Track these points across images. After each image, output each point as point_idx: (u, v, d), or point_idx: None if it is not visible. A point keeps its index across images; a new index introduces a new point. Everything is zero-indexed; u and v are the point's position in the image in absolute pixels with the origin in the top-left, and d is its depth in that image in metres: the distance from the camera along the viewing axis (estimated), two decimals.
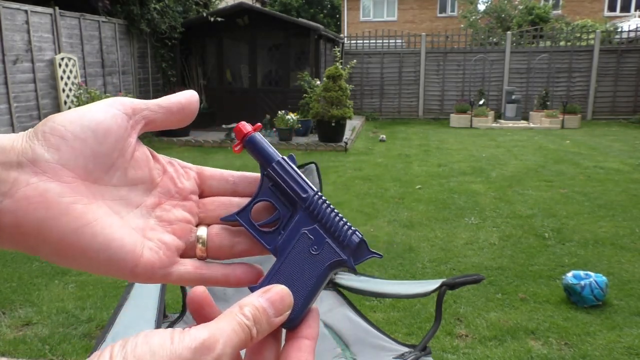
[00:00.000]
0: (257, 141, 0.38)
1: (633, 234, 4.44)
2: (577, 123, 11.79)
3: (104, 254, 0.31)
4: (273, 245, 0.36)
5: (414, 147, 9.21)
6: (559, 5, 21.04)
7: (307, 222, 0.37)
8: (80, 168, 0.31)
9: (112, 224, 0.32)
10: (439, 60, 13.51)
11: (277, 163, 0.37)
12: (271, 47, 11.38)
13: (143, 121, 0.34)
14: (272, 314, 0.32)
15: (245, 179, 0.39)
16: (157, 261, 0.34)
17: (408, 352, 1.74)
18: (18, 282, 3.44)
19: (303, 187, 0.37)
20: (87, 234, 0.31)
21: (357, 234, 0.37)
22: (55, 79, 7.57)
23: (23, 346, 2.68)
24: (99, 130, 0.32)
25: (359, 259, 0.37)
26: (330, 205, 0.37)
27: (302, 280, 0.35)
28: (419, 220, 4.87)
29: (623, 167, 7.27)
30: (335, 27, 25.97)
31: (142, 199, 0.35)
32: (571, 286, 3.10)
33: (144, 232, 0.34)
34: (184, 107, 0.36)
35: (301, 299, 0.34)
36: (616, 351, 2.65)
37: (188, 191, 0.37)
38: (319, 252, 0.36)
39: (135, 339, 0.28)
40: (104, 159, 0.32)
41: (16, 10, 6.85)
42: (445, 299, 2.00)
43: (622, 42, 13.31)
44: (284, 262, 0.35)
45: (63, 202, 0.30)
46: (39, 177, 0.30)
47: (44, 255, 0.32)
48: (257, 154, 0.38)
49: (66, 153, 0.31)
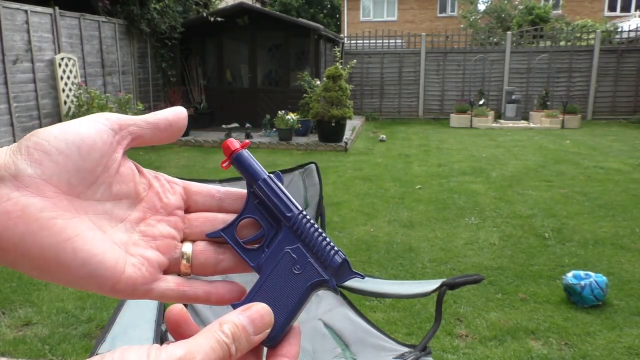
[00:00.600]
0: (245, 158, 0.38)
1: (633, 234, 4.44)
2: (577, 123, 11.79)
3: (85, 270, 0.31)
4: (256, 263, 0.37)
5: (414, 147, 9.20)
6: (559, 5, 21.04)
7: (291, 241, 0.37)
8: (63, 183, 0.31)
9: (94, 238, 0.32)
10: (439, 60, 13.51)
11: (262, 181, 0.38)
12: (271, 47, 11.38)
13: (130, 137, 0.34)
14: (251, 331, 0.32)
15: (231, 195, 0.39)
16: (139, 277, 0.33)
17: (408, 352, 1.74)
18: (18, 282, 3.44)
19: (288, 206, 0.37)
20: (67, 249, 0.31)
21: (339, 254, 0.37)
22: (55, 79, 7.57)
23: (23, 346, 2.68)
24: (83, 145, 0.32)
25: (341, 279, 0.37)
26: (314, 225, 0.37)
27: (283, 299, 0.35)
28: (419, 220, 4.87)
29: (623, 167, 7.27)
30: (335, 27, 25.97)
31: (127, 213, 0.35)
32: (571, 286, 3.10)
33: (127, 247, 0.34)
34: (172, 124, 0.36)
35: (282, 318, 0.35)
36: (616, 351, 2.65)
37: (173, 206, 0.37)
38: (301, 271, 0.36)
39: (112, 355, 0.27)
40: (87, 174, 0.32)
41: (16, 10, 6.85)
42: (445, 299, 1.99)
43: (622, 42, 13.31)
44: (267, 280, 0.36)
45: (44, 217, 0.30)
46: (20, 191, 0.30)
47: (24, 270, 0.31)
48: (244, 170, 0.38)
49: (49, 168, 0.31)
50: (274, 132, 9.94)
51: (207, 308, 2.03)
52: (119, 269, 0.32)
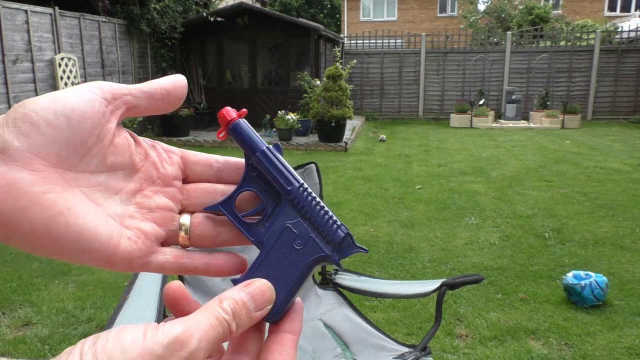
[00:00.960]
0: (242, 128, 0.36)
1: (633, 234, 4.44)
2: (577, 123, 11.79)
3: (78, 244, 0.31)
4: (257, 238, 0.36)
5: (414, 147, 9.20)
6: (559, 5, 21.04)
7: (292, 216, 0.36)
8: (53, 155, 0.30)
9: (86, 212, 0.31)
10: (439, 60, 13.51)
11: (261, 153, 0.36)
12: (271, 47, 11.38)
13: (124, 106, 0.33)
14: (252, 307, 0.31)
15: (230, 166, 0.38)
16: (135, 251, 0.33)
17: (408, 352, 1.74)
18: (18, 282, 3.44)
19: (288, 178, 0.36)
20: (59, 223, 0.30)
21: (342, 229, 0.36)
22: (55, 79, 7.57)
23: (23, 346, 2.68)
24: (74, 116, 0.31)
25: (344, 253, 0.36)
26: (315, 199, 0.36)
27: (285, 275, 0.34)
28: (419, 220, 4.87)
29: (623, 167, 7.26)
30: (335, 27, 25.98)
31: (122, 184, 0.34)
32: (571, 286, 3.10)
33: (123, 220, 0.33)
34: (169, 92, 0.35)
35: (284, 293, 0.34)
36: (616, 351, 2.65)
37: (171, 177, 0.36)
38: (303, 247, 0.35)
39: (108, 335, 0.27)
40: (78, 146, 0.31)
41: (16, 10, 6.85)
42: (445, 299, 1.99)
43: (622, 42, 13.31)
44: (267, 255, 0.35)
45: (33, 192, 0.29)
46: (8, 166, 0.29)
47: (17, 245, 0.31)
48: (241, 141, 0.36)
49: (37, 140, 0.29)
50: (273, 132, 9.94)
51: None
52: (114, 242, 0.32)
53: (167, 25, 10.07)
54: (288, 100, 10.85)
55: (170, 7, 10.01)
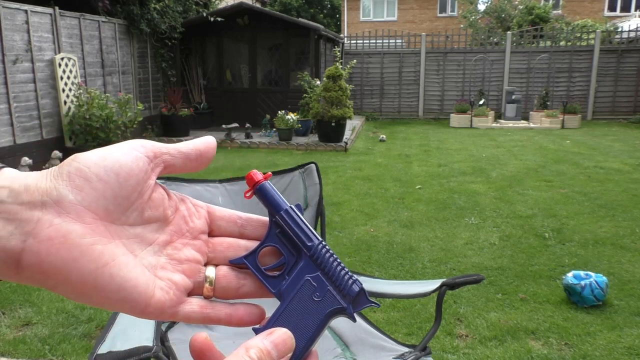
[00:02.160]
0: (267, 190, 0.39)
1: (633, 234, 4.44)
2: (577, 123, 11.79)
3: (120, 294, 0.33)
4: (277, 290, 0.38)
5: (414, 147, 9.20)
6: (559, 5, 21.04)
7: (311, 269, 0.38)
8: (101, 209, 0.32)
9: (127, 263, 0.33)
10: (439, 60, 13.51)
11: (285, 212, 0.39)
12: (271, 47, 11.38)
13: (162, 165, 0.36)
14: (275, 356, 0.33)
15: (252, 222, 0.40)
16: (167, 301, 0.35)
17: (408, 352, 1.74)
18: (18, 282, 3.44)
19: (309, 236, 0.39)
20: (105, 274, 0.32)
21: (357, 284, 0.39)
22: (55, 79, 7.57)
23: (23, 346, 2.68)
24: (121, 173, 0.33)
25: (358, 307, 0.39)
26: (333, 255, 0.39)
27: (304, 325, 0.37)
28: (419, 220, 4.87)
29: (623, 167, 7.26)
30: (335, 27, 25.97)
31: (155, 236, 0.36)
32: (571, 286, 3.10)
33: (155, 271, 0.35)
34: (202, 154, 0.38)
35: (302, 342, 0.36)
36: (616, 351, 2.64)
37: (199, 230, 0.38)
38: (321, 298, 0.38)
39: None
40: (123, 201, 0.33)
41: (16, 10, 6.85)
42: (445, 299, 1.99)
43: (622, 42, 13.31)
44: (288, 306, 0.37)
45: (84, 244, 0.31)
46: (62, 217, 0.31)
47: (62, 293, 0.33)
48: (266, 201, 0.39)
49: (89, 195, 0.32)
50: (273, 132, 9.94)
51: None
52: (149, 293, 0.34)
53: (167, 25, 10.07)
54: (288, 100, 10.85)
55: (170, 7, 10.01)
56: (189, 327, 1.96)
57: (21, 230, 0.31)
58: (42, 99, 7.36)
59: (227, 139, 9.42)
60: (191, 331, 1.94)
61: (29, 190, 0.31)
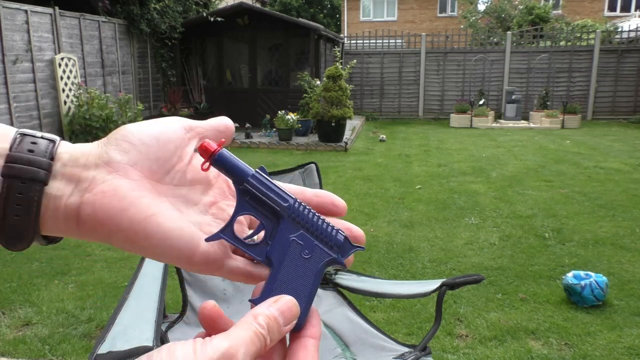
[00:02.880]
0: (227, 158, 0.38)
1: (633, 234, 4.44)
2: (577, 123, 11.79)
3: (167, 242, 0.36)
4: (263, 256, 0.38)
5: (414, 147, 9.20)
6: (559, 5, 21.04)
7: (293, 229, 0.38)
8: (146, 168, 0.36)
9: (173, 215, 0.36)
10: (439, 60, 13.51)
11: (252, 177, 0.38)
12: (271, 47, 11.38)
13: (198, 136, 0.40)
14: (282, 322, 0.34)
15: None
16: (212, 253, 0.37)
17: (408, 352, 1.74)
18: (18, 282, 3.44)
19: (283, 196, 0.39)
20: (152, 223, 0.35)
21: (340, 232, 0.39)
22: (55, 79, 7.57)
23: (23, 346, 2.68)
24: (161, 138, 0.37)
25: (345, 254, 0.39)
26: (311, 210, 0.39)
27: (301, 285, 0.37)
28: (419, 220, 4.87)
29: (623, 167, 7.26)
30: (335, 27, 25.98)
31: (200, 197, 0.40)
32: (571, 286, 3.10)
33: (202, 227, 0.38)
34: (228, 127, 0.42)
35: (303, 302, 0.36)
36: (616, 351, 2.65)
37: None
38: (311, 255, 0.38)
39: (160, 353, 0.30)
40: (165, 163, 0.37)
41: (16, 10, 6.85)
42: (445, 299, 1.99)
43: (622, 42, 13.31)
44: (281, 269, 0.37)
45: (132, 195, 0.35)
46: (112, 174, 0.35)
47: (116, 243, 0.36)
48: (228, 170, 0.39)
49: (134, 156, 0.36)
50: (273, 132, 9.94)
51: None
52: (195, 243, 0.36)
53: (167, 25, 10.07)
54: (288, 100, 10.85)
55: (170, 7, 10.02)
56: (189, 327, 1.96)
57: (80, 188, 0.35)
58: (42, 99, 7.36)
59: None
60: (191, 331, 1.95)
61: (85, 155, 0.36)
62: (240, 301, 2.09)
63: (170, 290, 2.99)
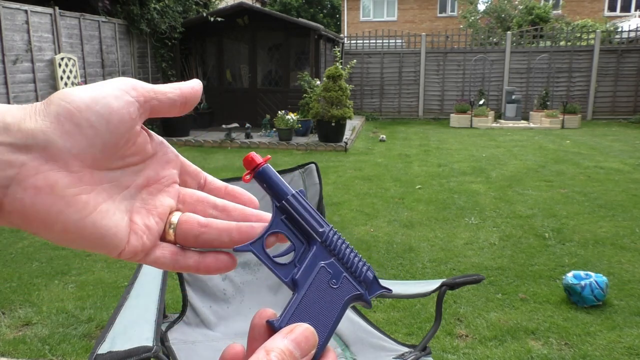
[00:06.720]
0: (270, 174, 0.37)
1: (633, 234, 4.44)
2: (577, 123, 11.79)
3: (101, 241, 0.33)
4: (289, 278, 0.36)
5: (414, 147, 9.20)
6: (559, 5, 21.04)
7: (324, 256, 0.37)
8: (89, 157, 0.31)
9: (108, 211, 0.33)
10: (439, 60, 13.51)
11: (292, 196, 0.37)
12: (271, 47, 11.38)
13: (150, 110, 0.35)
14: (298, 355, 0.32)
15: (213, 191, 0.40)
16: (139, 246, 0.35)
17: (408, 352, 1.74)
18: (18, 282, 3.44)
19: (319, 221, 0.37)
20: (88, 225, 0.32)
21: (370, 270, 0.38)
22: (55, 79, 7.57)
23: (23, 346, 2.68)
24: (112, 120, 0.32)
25: (372, 293, 0.38)
26: (345, 241, 0.38)
27: (324, 315, 0.35)
28: (419, 220, 4.87)
29: (623, 167, 7.26)
30: (335, 27, 25.98)
31: (132, 179, 0.35)
32: (571, 286, 3.10)
33: (131, 215, 0.35)
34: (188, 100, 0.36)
35: (323, 335, 0.34)
36: (616, 351, 2.65)
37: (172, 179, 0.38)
38: (338, 285, 0.36)
39: None
40: (111, 148, 0.33)
41: (16, 10, 6.85)
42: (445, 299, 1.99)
43: (622, 42, 13.31)
44: (305, 295, 0.36)
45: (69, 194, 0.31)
46: (49, 165, 0.30)
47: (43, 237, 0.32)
48: (269, 186, 0.37)
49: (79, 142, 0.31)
50: (274, 132, 9.93)
51: (207, 308, 2.03)
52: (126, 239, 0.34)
53: (167, 25, 10.07)
54: (288, 100, 10.85)
55: (170, 7, 10.01)
56: (189, 327, 1.96)
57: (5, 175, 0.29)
58: (42, 99, 7.31)
59: (227, 139, 9.42)
60: (191, 331, 1.95)
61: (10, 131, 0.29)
62: (240, 301, 2.09)
63: (170, 290, 2.99)
